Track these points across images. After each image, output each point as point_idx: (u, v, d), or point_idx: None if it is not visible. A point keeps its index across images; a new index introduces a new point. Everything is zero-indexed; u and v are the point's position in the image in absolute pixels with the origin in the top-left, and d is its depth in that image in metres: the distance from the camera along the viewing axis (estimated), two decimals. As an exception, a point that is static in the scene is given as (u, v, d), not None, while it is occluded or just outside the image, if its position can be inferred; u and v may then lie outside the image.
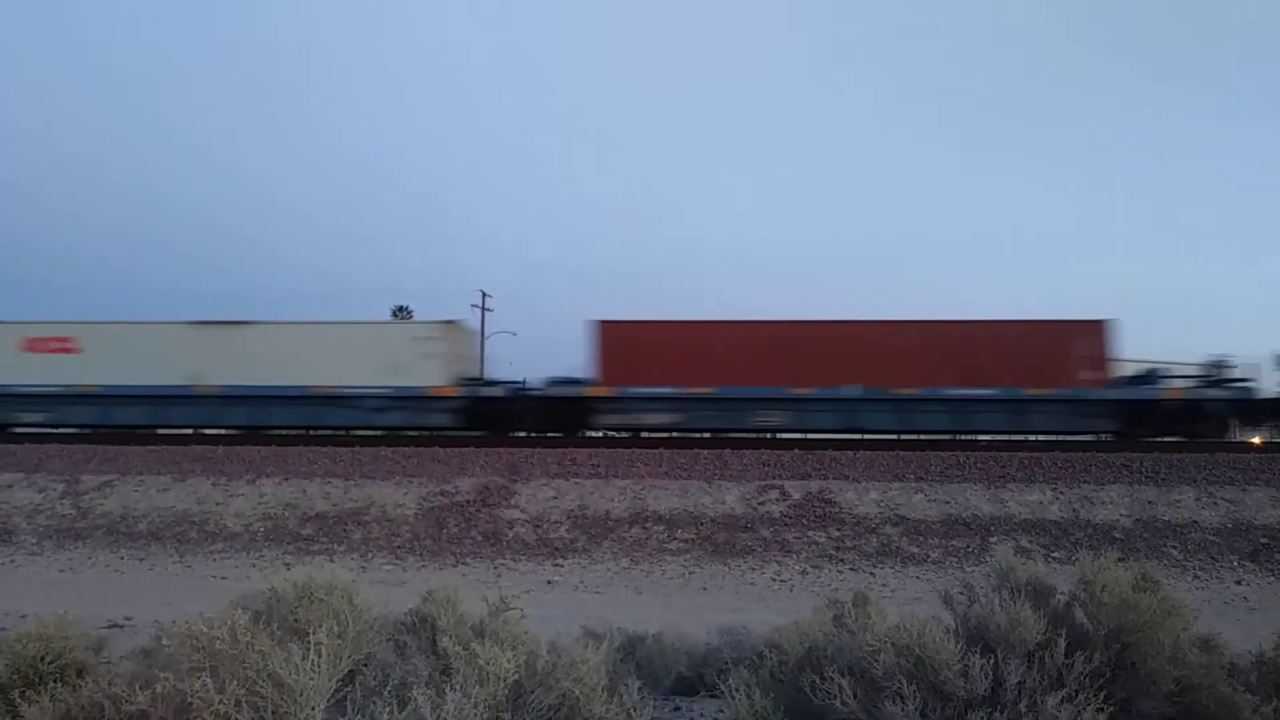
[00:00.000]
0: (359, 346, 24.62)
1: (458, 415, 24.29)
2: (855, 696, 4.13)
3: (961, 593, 5.38)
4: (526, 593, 5.93)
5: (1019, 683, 4.27)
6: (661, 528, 16.51)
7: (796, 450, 20.00)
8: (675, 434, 23.85)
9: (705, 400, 23.28)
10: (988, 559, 5.57)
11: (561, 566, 15.28)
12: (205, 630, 3.50)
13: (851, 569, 14.97)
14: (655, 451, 19.88)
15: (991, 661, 4.28)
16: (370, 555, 15.93)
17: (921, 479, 18.10)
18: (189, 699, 3.23)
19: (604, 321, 24.01)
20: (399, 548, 16.21)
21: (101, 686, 3.89)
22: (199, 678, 3.24)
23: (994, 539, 15.54)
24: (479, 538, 16.46)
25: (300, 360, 24.22)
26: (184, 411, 24.79)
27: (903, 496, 17.36)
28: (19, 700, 4.04)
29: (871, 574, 14.73)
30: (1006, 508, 16.94)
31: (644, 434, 24.09)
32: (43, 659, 4.65)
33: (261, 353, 24.45)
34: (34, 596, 12.01)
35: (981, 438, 23.15)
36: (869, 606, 5.34)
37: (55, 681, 4.36)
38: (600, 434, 24.61)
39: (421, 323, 26.85)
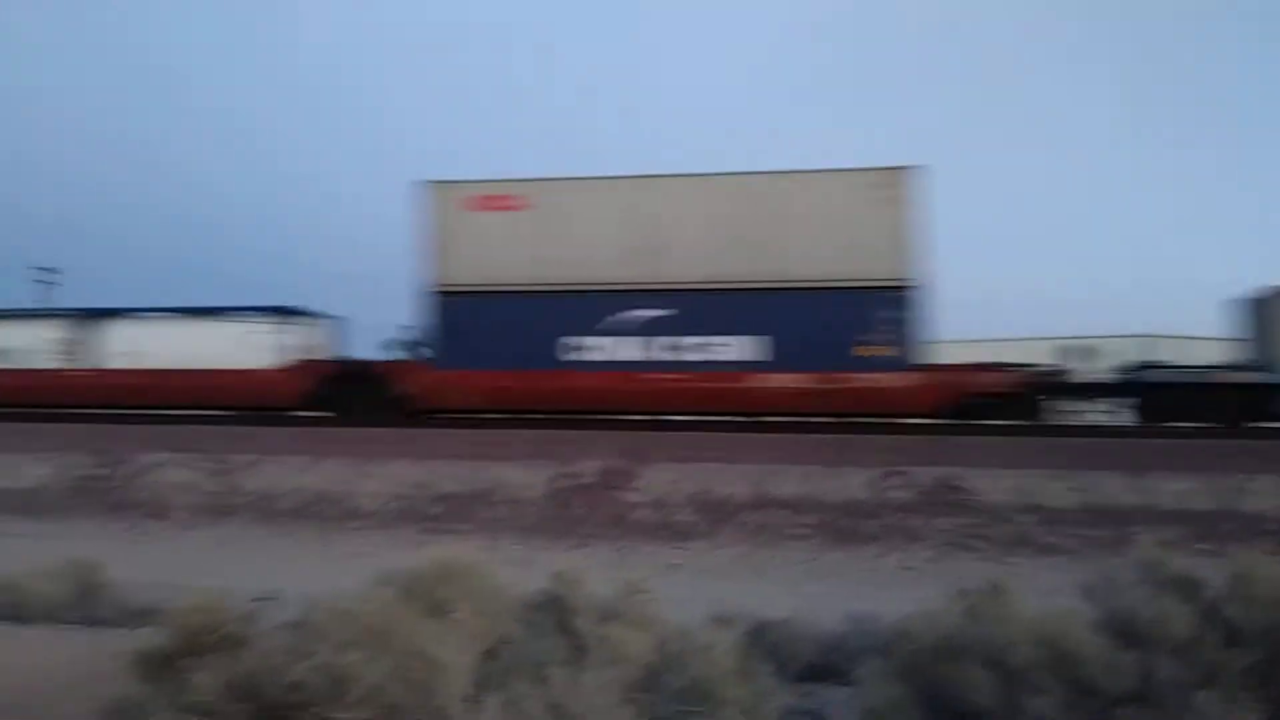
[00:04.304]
0: None
1: None
2: (993, 688, 4.04)
3: (1104, 585, 5.18)
4: (650, 575, 5.99)
5: (1169, 679, 4.11)
6: (784, 513, 16.40)
7: (923, 435, 19.51)
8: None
9: None
10: (1130, 550, 5.35)
11: (684, 549, 15.36)
12: (356, 606, 3.69)
13: (981, 558, 14.53)
14: (777, 436, 19.71)
15: (1139, 656, 4.13)
16: (497, 535, 16.34)
17: (1058, 466, 17.39)
18: (345, 671, 3.41)
19: None
20: (524, 528, 16.57)
21: (259, 658, 4.14)
22: (353, 651, 3.42)
23: (1136, 529, 14.83)
24: (602, 520, 16.68)
25: None
26: None
27: (1037, 484, 16.72)
28: (185, 670, 4.33)
29: (1003, 563, 14.28)
30: (1149, 497, 16.12)
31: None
32: (204, 630, 4.96)
33: None
34: (189, 569, 12.80)
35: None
36: (1003, 596, 5.21)
37: (215, 652, 4.66)
38: None
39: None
